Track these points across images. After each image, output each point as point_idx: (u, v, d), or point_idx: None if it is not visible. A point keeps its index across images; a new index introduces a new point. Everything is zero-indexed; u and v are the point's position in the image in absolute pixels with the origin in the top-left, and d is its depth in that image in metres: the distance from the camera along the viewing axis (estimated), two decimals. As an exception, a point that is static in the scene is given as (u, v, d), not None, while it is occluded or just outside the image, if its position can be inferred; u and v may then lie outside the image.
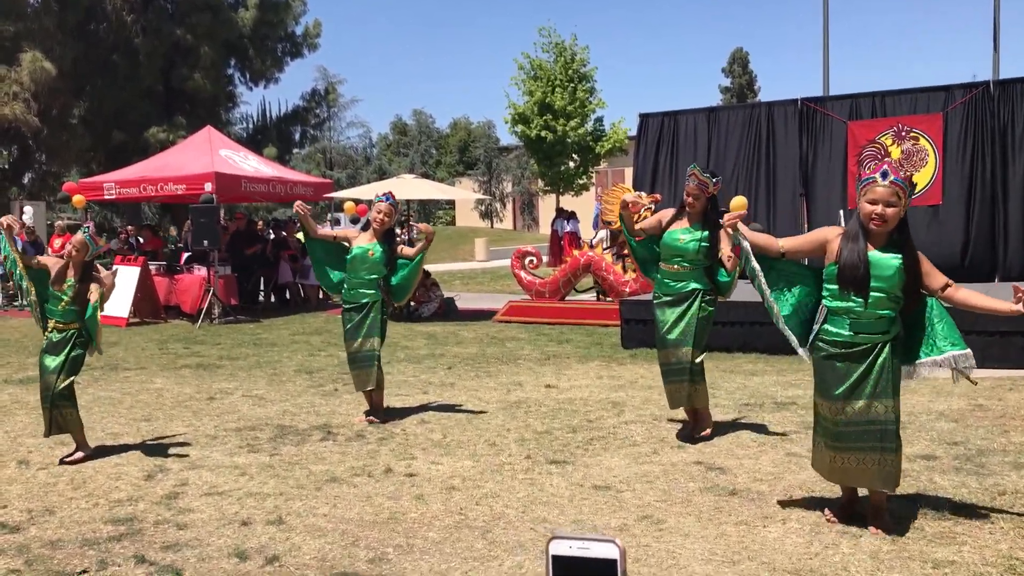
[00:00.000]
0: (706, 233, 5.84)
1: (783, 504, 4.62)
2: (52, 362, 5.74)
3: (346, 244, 6.87)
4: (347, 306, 6.87)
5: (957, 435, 5.96)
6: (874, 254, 4.11)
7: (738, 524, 4.34)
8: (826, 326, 4.27)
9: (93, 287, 5.72)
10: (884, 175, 4.07)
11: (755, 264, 4.39)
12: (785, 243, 4.42)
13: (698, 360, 5.96)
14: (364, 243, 6.77)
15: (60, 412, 5.75)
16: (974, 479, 4.96)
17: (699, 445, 5.87)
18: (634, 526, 4.34)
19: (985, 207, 11.70)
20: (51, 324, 5.80)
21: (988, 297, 4.17)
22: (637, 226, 6.24)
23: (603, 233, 19.02)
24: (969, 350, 4.18)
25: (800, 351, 4.40)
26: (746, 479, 5.08)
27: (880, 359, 4.13)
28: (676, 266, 5.96)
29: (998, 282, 11.44)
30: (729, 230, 4.44)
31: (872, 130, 12.32)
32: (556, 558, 1.33)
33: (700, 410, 6.09)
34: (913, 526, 4.22)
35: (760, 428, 6.27)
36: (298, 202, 6.93)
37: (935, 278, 4.16)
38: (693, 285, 5.93)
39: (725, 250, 5.32)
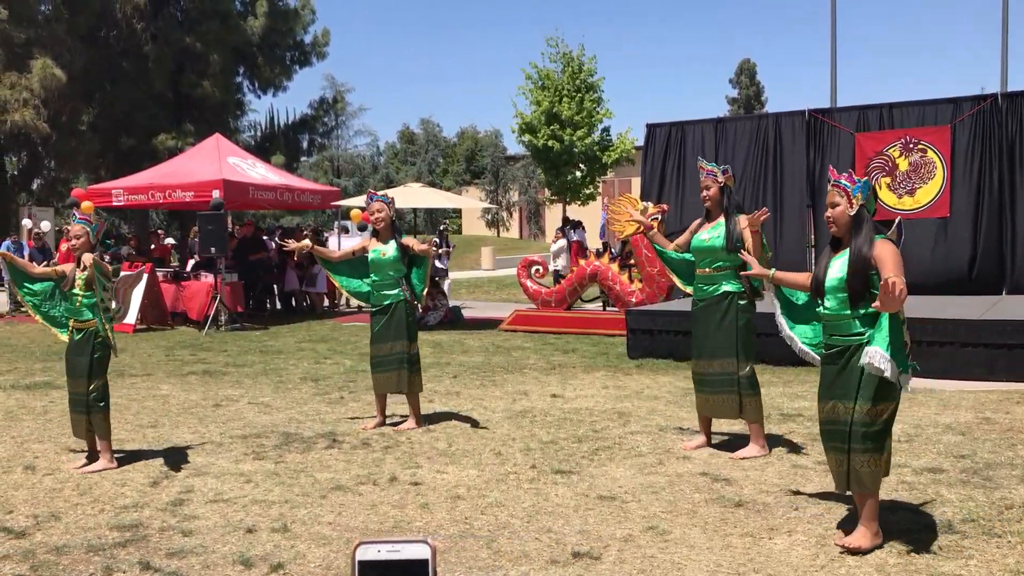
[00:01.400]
0: (727, 225, 5.77)
1: (789, 516, 4.61)
2: (77, 364, 5.76)
3: (365, 255, 6.95)
4: (374, 310, 6.95)
5: (964, 448, 5.93)
6: (837, 257, 4.25)
7: (744, 536, 4.33)
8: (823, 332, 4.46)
9: (86, 256, 5.65)
10: (829, 180, 4.35)
11: (780, 314, 4.85)
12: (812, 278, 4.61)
13: (746, 371, 5.82)
14: (377, 246, 6.86)
15: (95, 417, 5.74)
16: (981, 492, 4.94)
17: (705, 456, 5.86)
18: (639, 537, 4.33)
19: (993, 220, 11.68)
20: (71, 324, 5.83)
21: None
22: (672, 244, 6.21)
23: (562, 242, 19.16)
24: (876, 349, 3.95)
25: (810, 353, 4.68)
26: (752, 490, 5.07)
27: (852, 360, 4.14)
28: (708, 268, 5.88)
29: (1006, 294, 11.42)
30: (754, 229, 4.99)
31: (880, 142, 12.32)
32: (363, 564, 1.31)
33: (752, 426, 5.92)
34: (920, 539, 4.20)
35: (766, 439, 6.24)
36: (304, 244, 7.01)
37: (883, 270, 4.00)
38: (725, 287, 5.81)
39: (748, 246, 5.56)
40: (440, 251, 16.81)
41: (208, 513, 4.79)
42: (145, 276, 14.22)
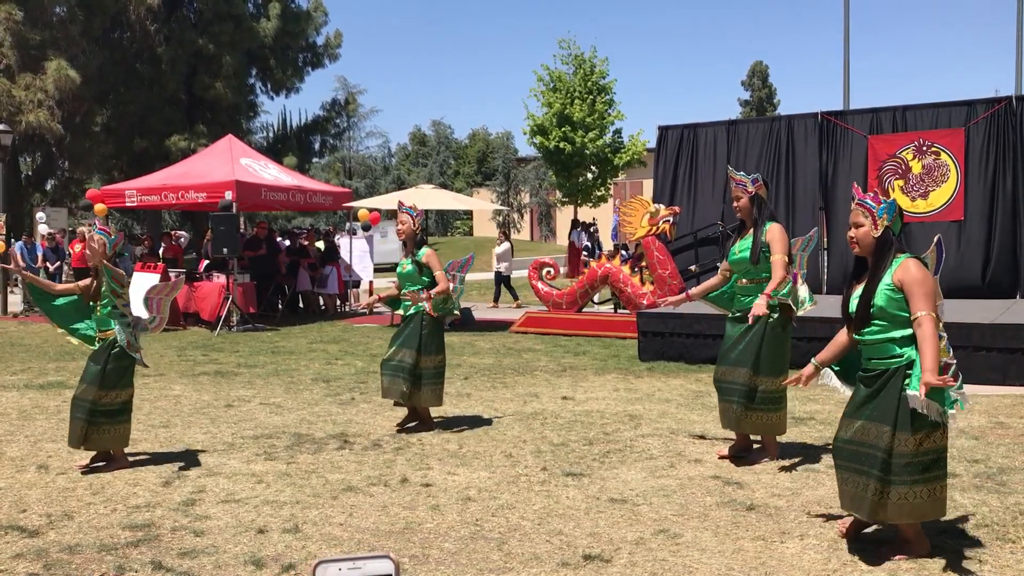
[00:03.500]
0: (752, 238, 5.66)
1: (801, 520, 4.59)
2: (90, 370, 5.72)
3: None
4: (403, 319, 6.94)
5: (978, 453, 5.90)
6: (864, 285, 4.12)
7: (755, 539, 4.32)
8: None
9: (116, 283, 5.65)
10: (853, 198, 4.19)
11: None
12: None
13: (765, 387, 5.63)
14: (404, 258, 6.88)
15: (98, 428, 5.65)
16: (995, 497, 4.91)
17: (716, 459, 5.84)
18: (651, 540, 4.32)
19: (1007, 223, 11.61)
20: (97, 336, 5.80)
21: (929, 350, 3.83)
22: (719, 275, 6.00)
23: (506, 245, 19.13)
24: (914, 394, 3.86)
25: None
26: (764, 494, 5.05)
27: (888, 383, 3.99)
28: (744, 280, 5.77)
29: (1020, 298, 11.35)
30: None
31: (893, 145, 12.26)
32: None
33: (765, 439, 5.84)
34: (933, 544, 4.17)
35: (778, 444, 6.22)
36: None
37: (912, 305, 3.94)
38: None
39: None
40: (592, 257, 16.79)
41: (220, 513, 4.80)
42: (182, 283, 14.29)
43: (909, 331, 3.98)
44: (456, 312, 6.97)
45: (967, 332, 8.63)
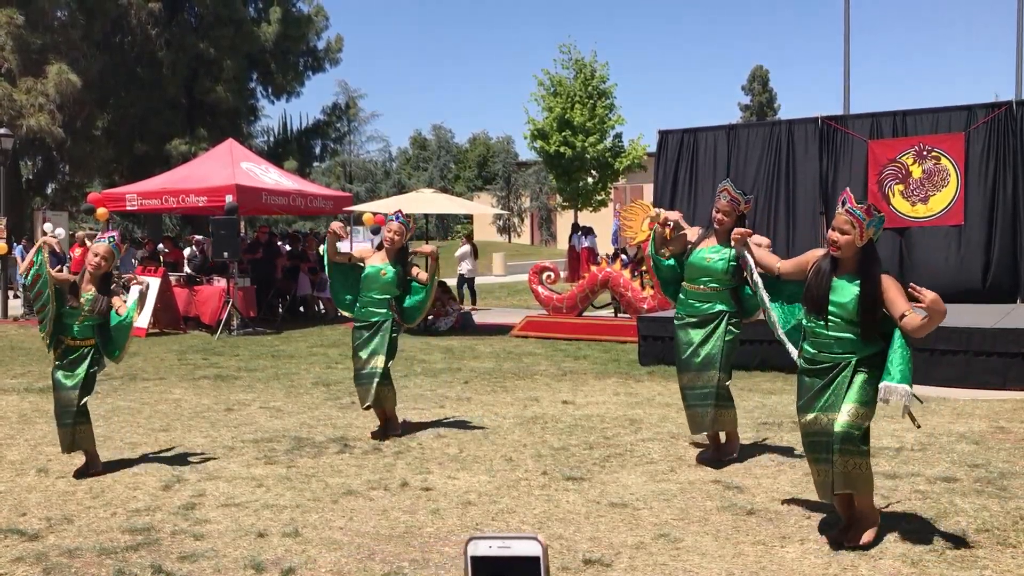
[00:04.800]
0: (734, 251, 5.60)
1: (801, 524, 4.59)
2: (69, 380, 5.67)
3: (361, 264, 6.86)
4: (358, 324, 6.86)
5: (978, 457, 5.90)
6: (838, 280, 4.25)
7: (756, 544, 4.31)
8: (804, 343, 4.45)
9: (116, 300, 5.68)
10: (843, 203, 4.26)
11: (757, 276, 4.76)
12: (783, 265, 4.72)
13: (726, 384, 5.79)
14: (377, 263, 6.77)
15: (80, 429, 5.70)
16: (996, 502, 4.91)
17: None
18: (651, 544, 4.32)
19: (1007, 228, 11.60)
20: (65, 341, 5.71)
21: (927, 324, 3.98)
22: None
23: (465, 248, 19.13)
24: (903, 386, 4.00)
25: (798, 361, 4.57)
26: (764, 498, 5.05)
27: (840, 376, 4.21)
28: (702, 286, 5.78)
29: (1020, 303, 11.35)
30: (736, 240, 4.94)
31: (893, 149, 12.26)
32: (476, 559, 1.31)
33: (728, 433, 5.95)
34: (933, 548, 4.17)
35: (778, 447, 6.23)
36: (336, 224, 6.82)
37: (897, 306, 4.10)
38: (719, 307, 5.74)
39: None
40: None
41: (219, 517, 4.80)
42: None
43: (862, 334, 4.20)
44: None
45: (967, 336, 8.63)
